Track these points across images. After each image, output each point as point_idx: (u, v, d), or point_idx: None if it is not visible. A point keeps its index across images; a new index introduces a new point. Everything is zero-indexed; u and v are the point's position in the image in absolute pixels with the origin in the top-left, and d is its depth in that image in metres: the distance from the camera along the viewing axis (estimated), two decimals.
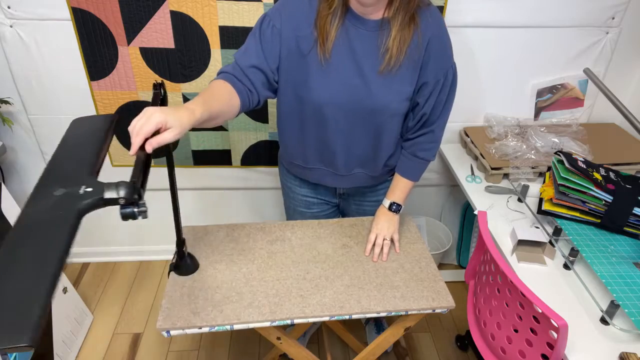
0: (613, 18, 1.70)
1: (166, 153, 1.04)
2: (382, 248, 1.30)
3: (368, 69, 1.12)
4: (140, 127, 0.80)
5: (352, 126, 1.21)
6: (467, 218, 2.15)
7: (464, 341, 1.91)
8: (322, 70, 1.13)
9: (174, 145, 0.96)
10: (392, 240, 1.32)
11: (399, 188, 1.34)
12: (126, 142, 1.87)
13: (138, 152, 0.81)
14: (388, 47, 1.09)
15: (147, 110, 0.82)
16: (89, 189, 0.73)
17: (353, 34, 1.11)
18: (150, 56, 1.66)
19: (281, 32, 1.11)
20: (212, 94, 1.02)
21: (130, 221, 2.34)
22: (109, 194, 0.72)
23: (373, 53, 1.11)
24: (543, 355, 1.01)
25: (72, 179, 0.75)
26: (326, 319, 1.13)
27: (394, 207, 1.34)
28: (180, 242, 1.18)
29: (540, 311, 0.96)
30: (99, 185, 0.73)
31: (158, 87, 1.01)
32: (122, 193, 0.71)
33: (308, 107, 1.19)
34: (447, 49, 1.16)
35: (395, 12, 1.07)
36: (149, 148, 0.80)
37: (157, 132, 0.83)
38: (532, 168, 1.60)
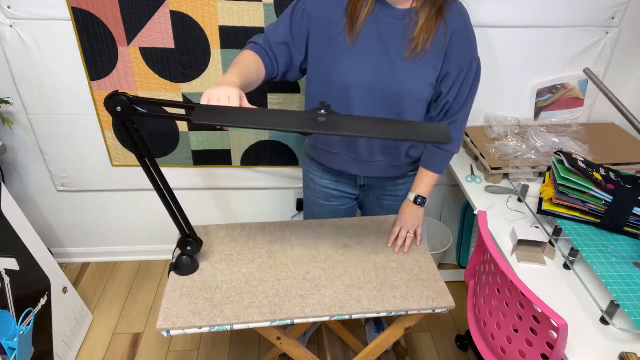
0: (613, 18, 1.70)
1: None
2: (405, 240, 1.33)
3: (394, 53, 1.18)
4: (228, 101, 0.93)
5: (375, 109, 1.24)
6: (467, 218, 2.15)
7: (464, 341, 1.91)
8: (350, 52, 1.18)
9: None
10: (415, 234, 1.36)
11: (424, 181, 1.37)
12: (126, 142, 1.87)
13: None
14: (415, 35, 1.15)
15: (224, 90, 0.94)
16: None
17: (382, 20, 1.17)
18: (150, 56, 1.66)
19: (311, 15, 1.18)
20: (246, 66, 1.11)
21: (130, 221, 2.35)
22: None
23: (400, 39, 1.17)
24: (543, 355, 1.01)
25: None
26: (326, 319, 1.13)
27: (419, 201, 1.37)
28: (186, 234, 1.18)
29: (540, 311, 0.96)
30: None
31: None
32: None
33: (334, 88, 1.23)
34: (471, 42, 1.21)
35: (424, 3, 1.13)
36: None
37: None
38: (532, 168, 1.60)
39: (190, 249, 1.20)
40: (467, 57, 1.20)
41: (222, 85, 0.96)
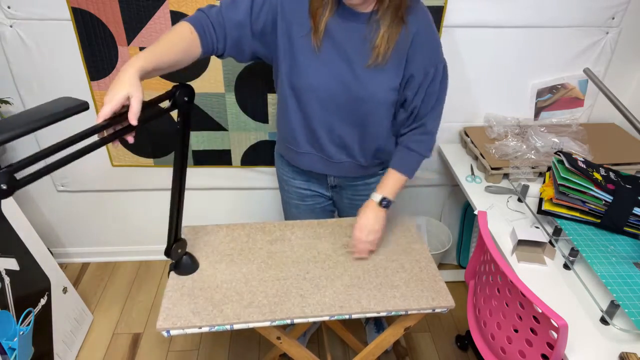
0: (613, 18, 1.70)
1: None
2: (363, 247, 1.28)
3: (356, 60, 1.15)
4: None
5: (338, 113, 1.23)
6: (467, 218, 2.15)
7: (464, 341, 1.91)
8: (312, 57, 1.16)
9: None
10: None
11: (390, 183, 1.29)
12: (126, 143, 1.87)
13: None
14: (376, 44, 1.12)
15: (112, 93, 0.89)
16: None
17: (343, 25, 1.14)
18: None
19: (276, 9, 1.13)
20: (171, 47, 1.02)
21: (130, 221, 2.34)
22: None
23: (361, 45, 1.14)
24: (543, 355, 1.01)
25: None
26: (326, 318, 1.13)
27: (385, 203, 1.28)
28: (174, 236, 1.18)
29: (540, 311, 0.96)
30: None
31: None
32: None
33: (298, 91, 1.22)
34: (434, 44, 1.18)
35: (385, 10, 1.10)
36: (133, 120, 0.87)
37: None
38: (532, 168, 1.60)
39: (180, 251, 1.21)
40: (431, 60, 1.17)
41: (119, 79, 0.90)
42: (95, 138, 0.87)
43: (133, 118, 0.87)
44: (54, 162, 0.79)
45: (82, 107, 0.88)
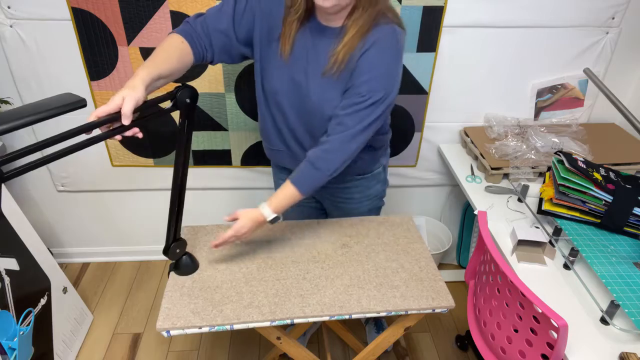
0: (613, 18, 1.70)
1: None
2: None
3: (314, 73, 1.15)
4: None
5: (297, 119, 1.25)
6: (467, 218, 2.15)
7: (464, 341, 1.91)
8: (280, 62, 1.18)
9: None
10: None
11: (280, 196, 1.17)
12: (126, 142, 1.88)
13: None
14: (336, 51, 1.10)
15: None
16: None
17: (311, 39, 1.15)
18: None
19: (255, 11, 1.15)
20: (166, 58, 1.06)
21: (130, 221, 2.35)
22: None
23: (323, 57, 1.14)
24: (543, 355, 1.01)
25: None
26: (326, 318, 1.13)
27: (275, 220, 1.18)
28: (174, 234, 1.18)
29: (540, 311, 0.96)
30: None
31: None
32: None
33: (266, 92, 1.25)
34: (384, 68, 1.09)
35: (354, 22, 1.08)
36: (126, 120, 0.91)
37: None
38: (532, 168, 1.60)
39: (179, 251, 1.21)
40: (373, 85, 1.08)
41: (124, 86, 0.94)
42: (86, 137, 0.92)
43: (124, 118, 0.91)
44: (45, 156, 0.81)
45: (80, 103, 0.90)
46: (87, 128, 0.89)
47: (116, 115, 0.91)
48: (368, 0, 1.05)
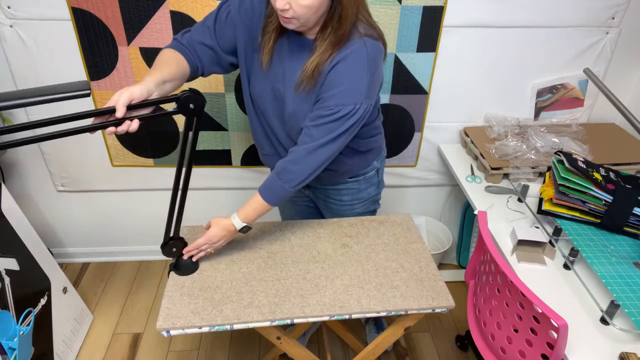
0: (613, 18, 1.70)
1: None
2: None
3: (290, 81, 1.16)
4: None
5: (281, 128, 1.26)
6: (467, 218, 2.15)
7: (464, 341, 1.91)
8: (261, 71, 1.19)
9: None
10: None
11: (250, 206, 1.19)
12: (126, 142, 1.88)
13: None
14: (306, 66, 1.10)
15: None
16: None
17: (288, 48, 1.15)
18: (151, 56, 1.66)
19: (236, 22, 1.15)
20: (166, 68, 1.08)
21: (130, 221, 2.34)
22: None
23: (298, 69, 1.14)
24: (543, 355, 1.01)
25: None
26: (326, 318, 1.13)
27: (244, 229, 1.22)
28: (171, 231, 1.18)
29: (540, 311, 0.96)
30: None
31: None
32: None
33: (252, 97, 1.26)
34: (352, 82, 1.08)
35: (327, 36, 1.07)
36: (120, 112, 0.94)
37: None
38: (532, 168, 1.60)
39: (175, 250, 1.21)
40: (340, 97, 1.07)
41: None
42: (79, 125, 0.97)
43: (117, 111, 0.93)
44: (36, 135, 0.91)
45: (84, 88, 0.95)
46: (81, 116, 0.93)
47: (112, 108, 0.94)
48: (337, 20, 1.04)
